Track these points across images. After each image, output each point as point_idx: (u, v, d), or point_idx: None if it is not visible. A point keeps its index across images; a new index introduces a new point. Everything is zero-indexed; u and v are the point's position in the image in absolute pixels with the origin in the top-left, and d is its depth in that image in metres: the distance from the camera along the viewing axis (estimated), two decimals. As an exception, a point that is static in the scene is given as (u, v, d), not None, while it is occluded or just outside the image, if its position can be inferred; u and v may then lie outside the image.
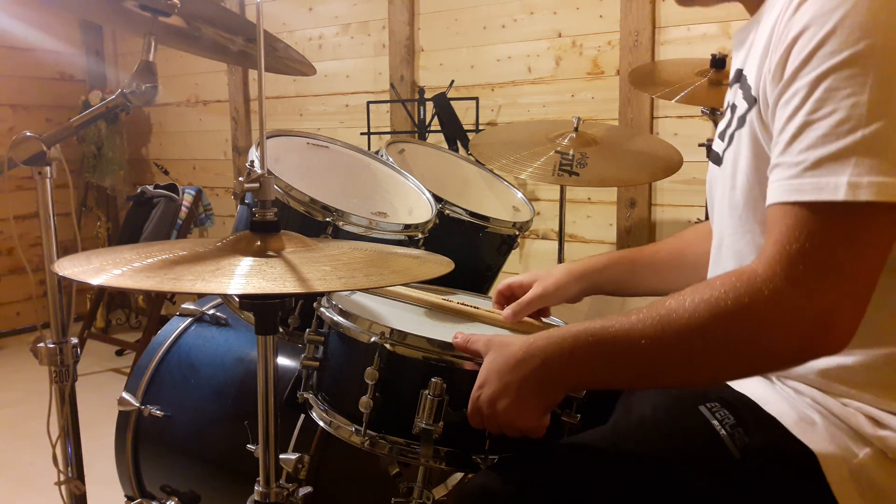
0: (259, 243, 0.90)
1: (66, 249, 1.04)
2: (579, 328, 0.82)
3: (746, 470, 0.81)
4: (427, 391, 0.95)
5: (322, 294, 1.12)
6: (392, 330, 0.98)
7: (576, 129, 1.97)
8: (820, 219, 0.69)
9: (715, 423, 0.84)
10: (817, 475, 0.79)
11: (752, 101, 0.82)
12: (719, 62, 1.97)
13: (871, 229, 0.69)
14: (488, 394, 0.87)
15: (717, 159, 0.95)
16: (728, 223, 0.90)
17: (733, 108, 0.89)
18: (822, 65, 0.70)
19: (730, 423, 0.84)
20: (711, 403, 0.86)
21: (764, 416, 0.84)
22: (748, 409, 0.85)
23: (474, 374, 0.96)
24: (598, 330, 0.80)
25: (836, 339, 0.71)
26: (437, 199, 1.47)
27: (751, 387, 0.88)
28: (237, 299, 1.32)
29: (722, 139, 0.93)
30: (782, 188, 0.72)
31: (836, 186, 0.68)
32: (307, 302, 1.24)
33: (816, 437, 0.80)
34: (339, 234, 1.27)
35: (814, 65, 0.71)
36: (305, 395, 1.11)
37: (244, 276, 0.80)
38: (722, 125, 0.94)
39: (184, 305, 1.62)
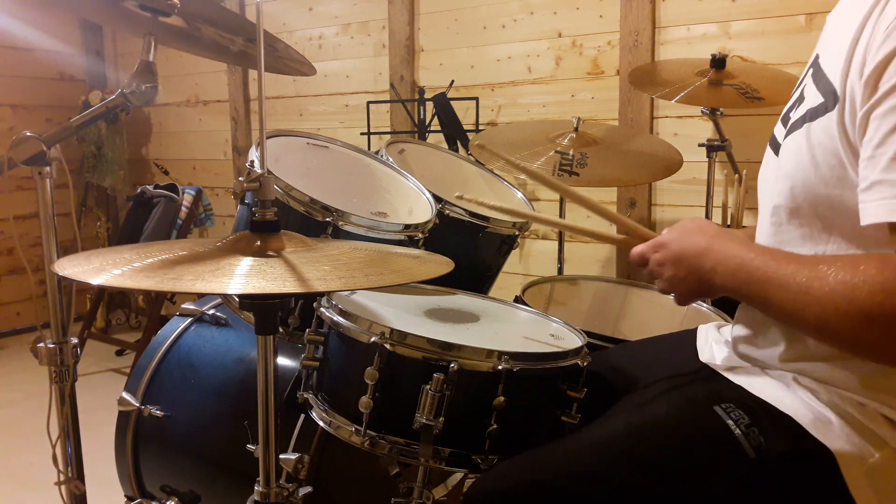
0: (259, 243, 0.90)
1: (66, 249, 1.04)
2: (747, 256, 0.85)
3: (762, 469, 0.81)
4: (428, 386, 0.95)
5: (322, 294, 1.12)
6: (392, 330, 0.98)
7: (576, 129, 1.97)
8: None
9: (730, 422, 0.84)
10: (834, 474, 0.79)
11: (831, 98, 0.80)
12: (719, 62, 1.97)
13: None
14: (661, 258, 0.96)
15: (775, 144, 0.93)
16: (780, 209, 0.88)
17: (802, 97, 0.87)
18: None
19: (744, 423, 0.84)
20: (726, 404, 0.86)
21: (779, 416, 0.84)
22: (763, 410, 0.85)
23: (475, 372, 0.96)
24: (756, 267, 0.82)
25: None
26: (437, 199, 1.47)
27: (765, 388, 0.88)
28: (237, 299, 1.32)
29: (785, 124, 0.90)
30: (891, 207, 0.71)
31: None
32: (307, 302, 1.24)
33: (833, 437, 0.80)
34: (339, 234, 1.27)
35: None
36: (305, 395, 1.11)
37: (244, 276, 0.80)
38: (787, 108, 0.91)
39: (184, 305, 1.62)
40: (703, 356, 1.04)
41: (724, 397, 0.88)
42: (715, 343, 1.04)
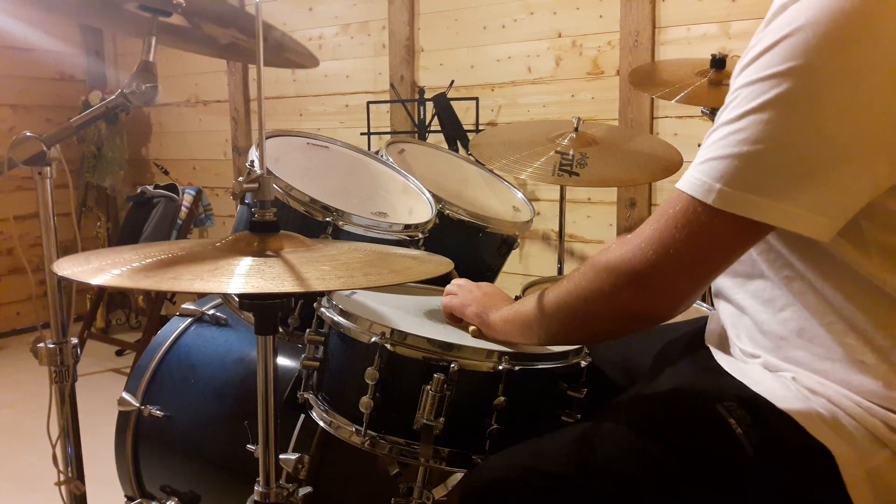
0: (258, 243, 0.90)
1: (66, 249, 1.04)
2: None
3: (761, 467, 0.81)
4: (428, 386, 0.95)
5: (322, 294, 1.12)
6: (392, 330, 0.98)
7: (576, 130, 1.97)
8: (681, 208, 0.76)
9: (731, 420, 0.84)
10: (833, 474, 0.78)
11: None
12: (719, 62, 1.97)
13: (713, 232, 0.75)
14: (457, 285, 1.14)
15: None
16: None
17: None
18: (751, 76, 0.73)
19: (746, 422, 0.83)
20: (728, 402, 0.86)
21: (779, 415, 0.83)
22: (764, 408, 0.84)
23: (475, 372, 0.96)
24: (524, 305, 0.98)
25: (652, 304, 0.81)
26: (437, 199, 1.47)
27: (767, 386, 0.87)
28: (237, 299, 1.32)
29: None
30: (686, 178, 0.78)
31: (701, 185, 0.75)
32: (307, 302, 1.24)
33: (833, 437, 0.80)
34: (339, 234, 1.27)
35: (746, 75, 0.74)
36: (305, 395, 1.11)
37: (244, 276, 0.80)
38: None
39: (184, 305, 1.62)
40: (711, 342, 1.03)
41: (726, 394, 0.87)
42: (719, 335, 1.04)
